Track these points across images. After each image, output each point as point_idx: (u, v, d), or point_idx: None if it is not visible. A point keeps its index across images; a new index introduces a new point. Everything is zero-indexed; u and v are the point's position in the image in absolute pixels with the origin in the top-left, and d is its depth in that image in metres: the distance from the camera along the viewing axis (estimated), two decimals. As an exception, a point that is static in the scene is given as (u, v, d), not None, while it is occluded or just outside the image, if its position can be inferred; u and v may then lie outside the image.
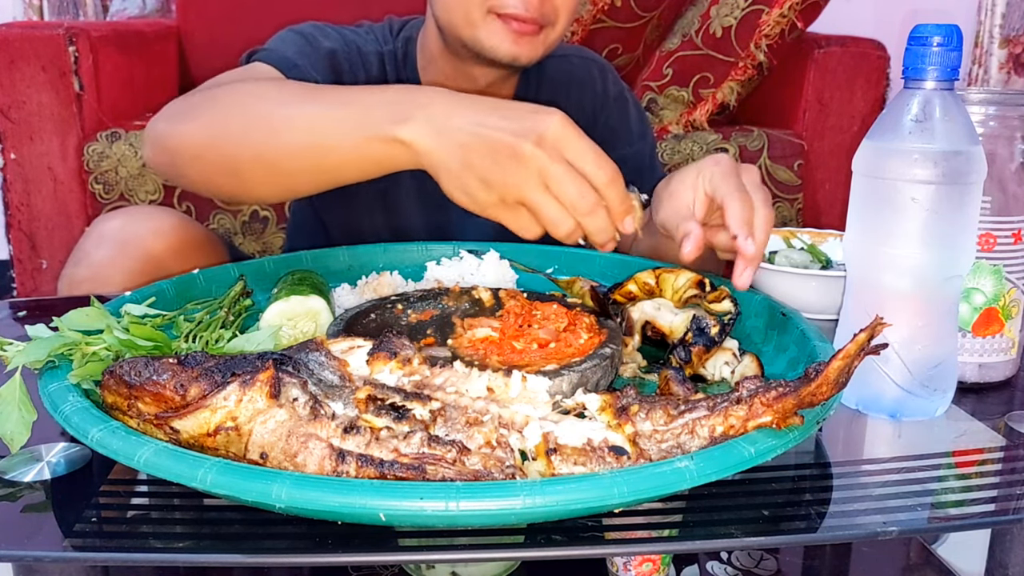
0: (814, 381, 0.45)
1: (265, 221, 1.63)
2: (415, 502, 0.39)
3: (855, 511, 0.48)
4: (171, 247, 0.93)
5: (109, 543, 0.44)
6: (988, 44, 2.38)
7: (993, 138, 0.64)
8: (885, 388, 0.61)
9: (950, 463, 0.56)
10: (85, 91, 1.58)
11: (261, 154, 0.68)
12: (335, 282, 0.81)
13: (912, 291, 0.60)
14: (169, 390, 0.46)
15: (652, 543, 0.47)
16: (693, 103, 1.78)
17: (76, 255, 0.95)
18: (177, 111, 0.75)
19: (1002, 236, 0.65)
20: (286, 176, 0.69)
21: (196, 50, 2.02)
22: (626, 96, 1.11)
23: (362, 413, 0.47)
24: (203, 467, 0.40)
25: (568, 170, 0.58)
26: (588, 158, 0.59)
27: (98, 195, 1.60)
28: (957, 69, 0.58)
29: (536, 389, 0.51)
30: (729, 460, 0.43)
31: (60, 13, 2.15)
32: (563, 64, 1.07)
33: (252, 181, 0.70)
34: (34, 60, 1.55)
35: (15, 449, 0.51)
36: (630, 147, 1.07)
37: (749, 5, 1.71)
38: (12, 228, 1.61)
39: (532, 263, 0.86)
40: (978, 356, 0.67)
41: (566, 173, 0.58)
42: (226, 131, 0.69)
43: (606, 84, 1.09)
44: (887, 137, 0.60)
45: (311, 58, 0.92)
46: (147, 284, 0.73)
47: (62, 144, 1.58)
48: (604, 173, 0.59)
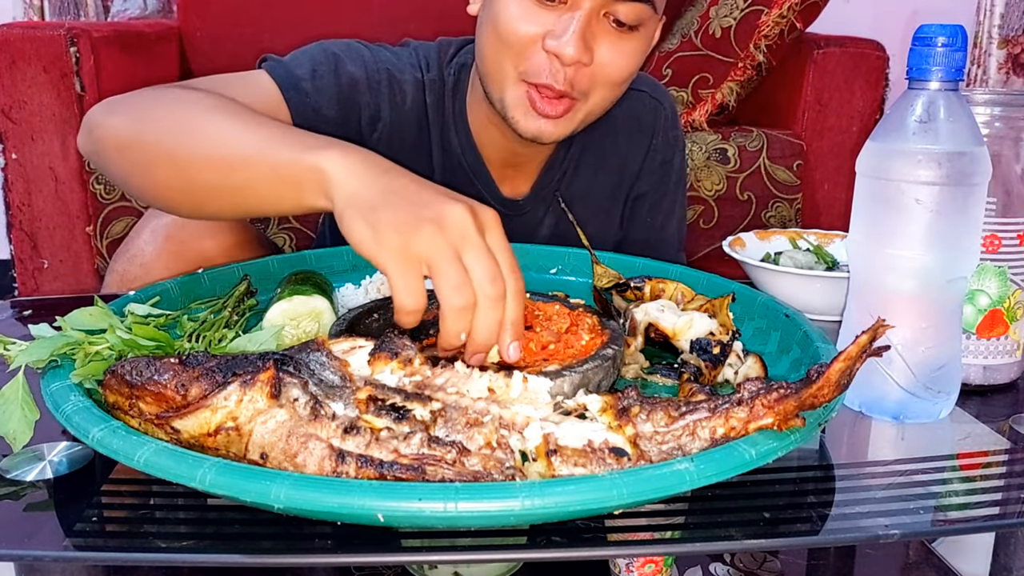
0: (816, 383, 0.45)
1: (267, 222, 1.63)
2: (414, 503, 0.39)
3: (858, 513, 0.48)
4: (223, 246, 0.92)
5: (110, 543, 0.44)
6: (987, 44, 2.38)
7: (998, 139, 0.64)
8: (889, 390, 0.61)
9: (954, 466, 0.56)
10: (86, 91, 1.58)
11: (173, 158, 0.65)
12: (339, 282, 0.81)
13: (916, 293, 0.60)
14: (170, 390, 0.46)
15: (654, 545, 0.47)
16: (692, 103, 1.78)
17: (129, 251, 0.94)
18: (114, 103, 0.72)
19: (1007, 237, 0.65)
20: (196, 186, 0.65)
21: (197, 51, 2.01)
22: (673, 164, 1.05)
23: (362, 413, 0.47)
24: (202, 467, 0.40)
25: (488, 249, 0.53)
26: (506, 258, 0.54)
27: (99, 195, 1.60)
28: (961, 70, 0.58)
29: (537, 390, 0.51)
30: (729, 462, 0.43)
31: (61, 14, 2.15)
32: (633, 102, 1.00)
33: (164, 185, 0.67)
34: (35, 60, 1.55)
35: (17, 448, 0.51)
36: (651, 229, 1.05)
37: (748, 6, 1.71)
38: (13, 228, 1.61)
39: (534, 263, 0.86)
40: (982, 358, 0.67)
41: (486, 250, 0.53)
42: (147, 129, 0.67)
43: (666, 138, 1.03)
44: (891, 138, 0.60)
45: (323, 81, 0.86)
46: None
47: (63, 144, 1.58)
48: (516, 280, 0.54)
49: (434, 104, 0.94)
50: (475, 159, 0.95)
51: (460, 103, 0.94)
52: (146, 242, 0.93)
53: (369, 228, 0.53)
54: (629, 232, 1.06)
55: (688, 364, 0.65)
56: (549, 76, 0.78)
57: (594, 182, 1.02)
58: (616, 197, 1.04)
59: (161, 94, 0.72)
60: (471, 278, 0.52)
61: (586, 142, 0.99)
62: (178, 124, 0.66)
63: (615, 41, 0.80)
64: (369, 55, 0.91)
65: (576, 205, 0.97)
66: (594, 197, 1.02)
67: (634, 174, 1.03)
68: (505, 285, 0.53)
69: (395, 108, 0.91)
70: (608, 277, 0.79)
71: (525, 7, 0.78)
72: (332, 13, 1.98)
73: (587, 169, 1.01)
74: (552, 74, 0.78)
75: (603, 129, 0.97)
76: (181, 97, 0.70)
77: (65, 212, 1.60)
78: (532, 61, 0.79)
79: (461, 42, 0.97)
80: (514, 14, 0.78)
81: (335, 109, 0.87)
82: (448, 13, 1.26)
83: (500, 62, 0.81)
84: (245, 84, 0.82)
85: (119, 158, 0.69)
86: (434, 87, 0.94)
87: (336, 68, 0.88)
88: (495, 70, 0.82)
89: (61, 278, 1.62)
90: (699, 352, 0.65)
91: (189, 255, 0.90)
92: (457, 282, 0.52)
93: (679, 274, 0.79)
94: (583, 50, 0.77)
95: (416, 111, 0.93)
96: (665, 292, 0.75)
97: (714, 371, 0.65)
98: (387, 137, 0.91)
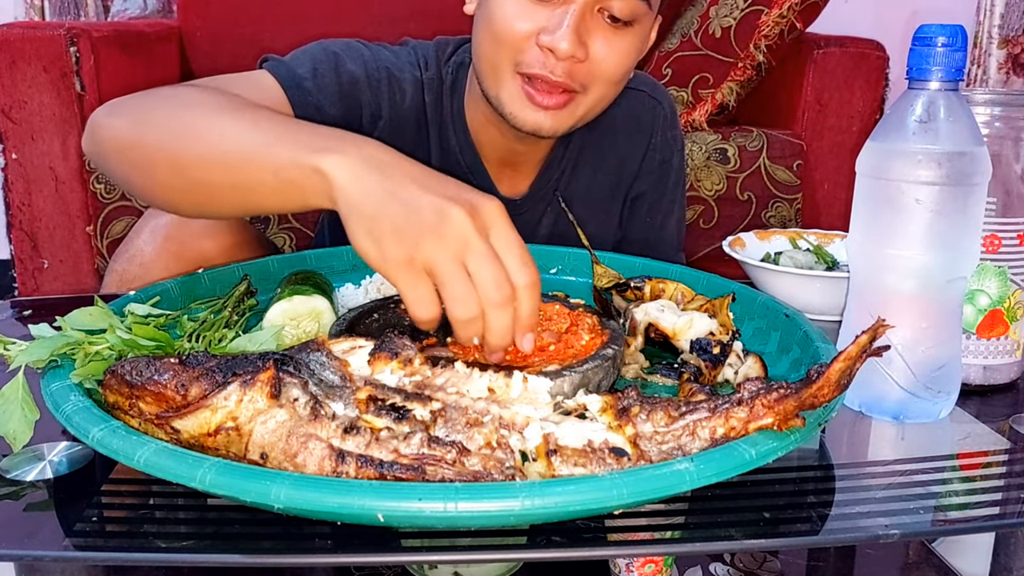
0: (815, 383, 0.45)
1: (267, 221, 1.63)
2: (413, 503, 0.39)
3: (858, 513, 0.48)
4: (222, 246, 0.92)
5: (110, 542, 0.44)
6: (987, 44, 2.39)
7: (998, 139, 0.64)
8: (889, 390, 0.61)
9: (954, 466, 0.56)
10: (86, 91, 1.58)
11: (176, 158, 0.64)
12: (339, 282, 0.81)
13: (916, 293, 0.60)
14: (170, 390, 0.46)
15: (654, 545, 0.47)
16: (692, 103, 1.78)
17: (128, 251, 0.94)
18: (116, 105, 0.72)
19: (1007, 237, 0.65)
20: (199, 186, 0.64)
21: (197, 51, 2.02)
22: (672, 164, 1.05)
23: (362, 413, 0.47)
24: (202, 467, 0.40)
25: (491, 252, 0.52)
26: (514, 252, 0.53)
27: (99, 195, 1.60)
28: (962, 70, 0.58)
29: (537, 390, 0.51)
30: (729, 462, 0.43)
31: (61, 14, 2.15)
32: (632, 100, 0.99)
33: (165, 185, 0.67)
34: (35, 60, 1.55)
35: (17, 448, 0.51)
36: (650, 229, 1.05)
37: (748, 5, 1.71)
38: (13, 228, 1.61)
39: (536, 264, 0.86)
40: (982, 358, 0.67)
41: (488, 254, 0.52)
42: (150, 130, 0.67)
43: (665, 138, 1.03)
44: (891, 138, 0.60)
45: (324, 80, 0.86)
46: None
47: (63, 144, 1.58)
48: (526, 274, 0.53)
49: (432, 103, 0.94)
50: (473, 158, 0.95)
51: (458, 102, 0.95)
52: (145, 242, 0.93)
53: (372, 242, 0.53)
54: (628, 232, 1.06)
55: (688, 364, 0.66)
56: (543, 68, 0.79)
57: (593, 181, 1.01)
58: (615, 196, 1.04)
59: (163, 95, 0.72)
60: (476, 285, 0.52)
61: (585, 141, 0.99)
62: (180, 124, 0.66)
63: (609, 37, 0.80)
64: (369, 54, 0.91)
65: (575, 204, 0.97)
66: (593, 197, 1.02)
67: (633, 173, 1.03)
68: (513, 287, 0.53)
69: (395, 106, 0.92)
70: (608, 277, 0.79)
71: (520, 4, 0.78)
72: (332, 13, 1.98)
73: (586, 168, 1.01)
74: (547, 67, 0.79)
75: (602, 128, 0.97)
76: (183, 97, 0.70)
77: (65, 212, 1.60)
78: (528, 55, 0.79)
79: (459, 41, 0.97)
80: (509, 11, 0.79)
81: (337, 107, 0.87)
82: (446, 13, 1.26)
83: (496, 59, 0.81)
84: (247, 84, 0.82)
85: (122, 159, 0.69)
86: (432, 86, 0.94)
87: (337, 67, 0.88)
88: (491, 67, 0.82)
89: (61, 278, 1.63)
90: (699, 352, 0.65)
91: (188, 255, 0.90)
92: (460, 295, 0.52)
93: (679, 274, 0.79)
94: (577, 45, 0.77)
95: (415, 110, 0.93)
96: (665, 292, 0.75)
97: (714, 371, 0.65)
98: (387, 135, 0.91)
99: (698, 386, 0.53)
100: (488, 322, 0.53)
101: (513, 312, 0.53)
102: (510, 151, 0.94)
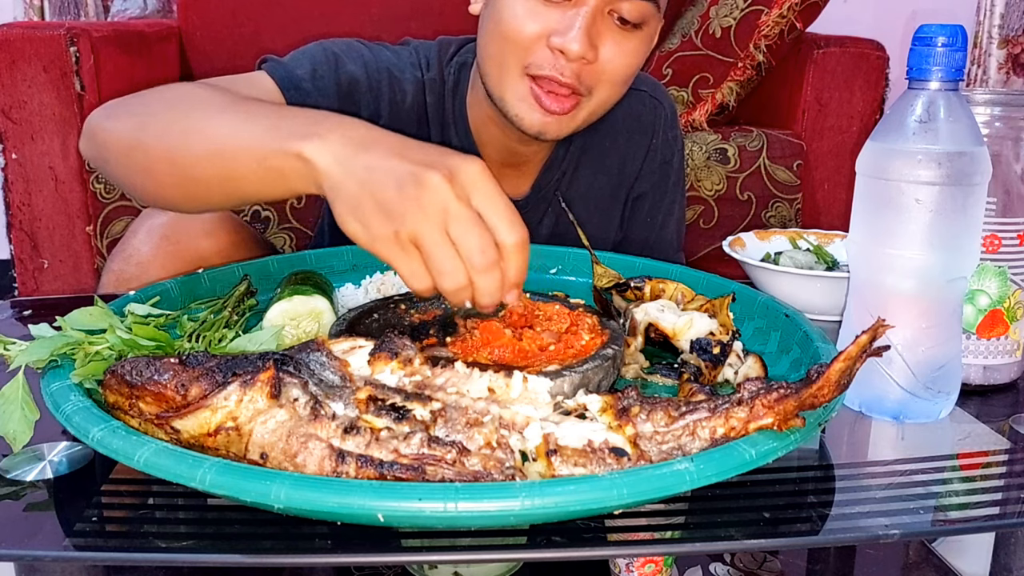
0: (815, 383, 0.45)
1: (267, 221, 1.63)
2: (413, 503, 0.39)
3: (858, 513, 0.48)
4: (219, 245, 0.92)
5: (110, 542, 0.44)
6: (987, 44, 2.39)
7: (998, 139, 0.64)
8: (889, 390, 0.61)
9: (954, 466, 0.56)
10: (86, 91, 1.58)
11: (173, 158, 0.65)
12: (339, 282, 0.81)
13: (916, 293, 0.60)
14: (170, 390, 0.46)
15: (654, 545, 0.47)
16: (692, 103, 1.78)
17: (125, 250, 0.94)
18: (112, 107, 0.73)
19: (1007, 237, 0.65)
20: (195, 183, 0.65)
21: (197, 51, 2.01)
22: (673, 164, 1.05)
23: (362, 413, 0.47)
24: (202, 467, 0.40)
25: (474, 217, 0.52)
26: (499, 212, 0.53)
27: (99, 195, 1.60)
28: (962, 70, 0.58)
29: (537, 390, 0.50)
30: (729, 462, 0.43)
31: (61, 13, 2.15)
32: (633, 101, 0.99)
33: (164, 184, 0.67)
34: (35, 60, 1.55)
35: (17, 448, 0.51)
36: (651, 229, 1.05)
37: (748, 5, 1.71)
38: (13, 228, 1.61)
39: (535, 264, 0.86)
40: (982, 358, 0.67)
41: (471, 219, 0.52)
42: (148, 131, 0.68)
43: (666, 138, 1.03)
44: (891, 138, 0.60)
45: (323, 81, 0.87)
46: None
47: (63, 144, 1.58)
48: (515, 234, 0.53)
49: (434, 104, 0.94)
50: None
51: (460, 103, 0.94)
52: (142, 242, 0.93)
53: (359, 222, 0.54)
54: (628, 232, 1.06)
55: (688, 364, 0.66)
56: (553, 69, 0.79)
57: (594, 182, 1.01)
58: (616, 197, 1.04)
59: (158, 95, 0.72)
60: (461, 252, 0.52)
61: (586, 142, 0.99)
62: (174, 123, 0.66)
63: (619, 39, 0.80)
64: (369, 54, 0.91)
65: (576, 205, 0.97)
66: (594, 197, 1.02)
67: (634, 174, 1.03)
68: (499, 248, 0.53)
69: (395, 107, 0.91)
70: (608, 277, 0.79)
71: (530, 5, 0.78)
72: (332, 13, 1.98)
73: (587, 169, 1.01)
74: (557, 68, 0.79)
75: (603, 129, 0.97)
76: (178, 95, 0.70)
77: (65, 212, 1.60)
78: (537, 56, 0.79)
79: (461, 41, 0.97)
80: (519, 12, 0.79)
81: (336, 108, 0.87)
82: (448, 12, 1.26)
83: (503, 59, 0.81)
84: (246, 85, 0.82)
85: (120, 160, 0.70)
86: (434, 86, 0.94)
87: (336, 67, 0.88)
88: (498, 68, 0.82)
89: (61, 278, 1.62)
90: (699, 352, 0.65)
91: (185, 255, 0.90)
92: (446, 267, 0.52)
93: (679, 274, 0.79)
94: (588, 47, 0.77)
95: (416, 110, 0.93)
96: (665, 292, 0.75)
97: (714, 371, 0.65)
98: None
99: (698, 386, 0.53)
100: (476, 287, 0.53)
101: (500, 272, 0.53)
102: (512, 152, 0.94)
